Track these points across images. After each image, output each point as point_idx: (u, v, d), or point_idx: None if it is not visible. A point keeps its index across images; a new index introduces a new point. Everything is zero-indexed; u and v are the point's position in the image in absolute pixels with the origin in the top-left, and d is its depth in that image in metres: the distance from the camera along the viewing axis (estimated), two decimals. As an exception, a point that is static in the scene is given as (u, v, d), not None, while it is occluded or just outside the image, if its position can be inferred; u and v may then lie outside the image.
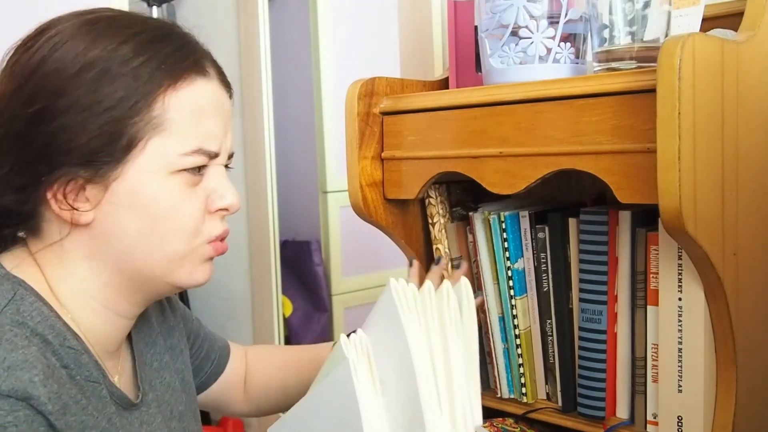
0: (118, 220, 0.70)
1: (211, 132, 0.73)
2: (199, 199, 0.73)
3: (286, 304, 2.67)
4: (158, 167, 0.70)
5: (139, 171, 0.69)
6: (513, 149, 0.90)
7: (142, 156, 0.69)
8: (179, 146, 0.70)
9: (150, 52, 0.70)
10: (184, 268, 0.74)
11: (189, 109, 0.71)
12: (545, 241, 0.99)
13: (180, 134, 0.70)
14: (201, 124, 0.72)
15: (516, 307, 1.01)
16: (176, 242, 0.72)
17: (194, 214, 0.73)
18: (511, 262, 1.00)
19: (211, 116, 0.73)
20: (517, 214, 1.00)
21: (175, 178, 0.71)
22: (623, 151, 0.80)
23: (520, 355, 1.02)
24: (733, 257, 0.79)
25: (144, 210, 0.70)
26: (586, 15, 0.92)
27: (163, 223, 0.71)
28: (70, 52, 0.68)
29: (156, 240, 0.71)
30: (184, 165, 0.71)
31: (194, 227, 0.73)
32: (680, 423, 0.86)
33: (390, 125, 1.05)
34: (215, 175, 0.75)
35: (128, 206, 0.70)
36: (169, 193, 0.71)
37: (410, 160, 1.02)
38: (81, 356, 0.70)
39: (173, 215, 0.71)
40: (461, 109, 0.95)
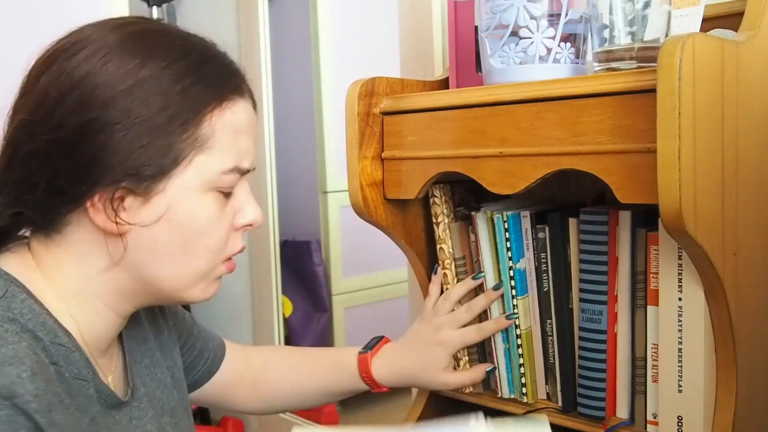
0: (153, 233, 0.72)
1: (246, 151, 0.75)
2: (228, 216, 0.76)
3: (286, 304, 2.67)
4: (199, 184, 0.72)
5: (181, 187, 0.71)
6: (513, 149, 0.90)
7: (185, 173, 0.71)
8: (220, 164, 0.72)
9: (199, 72, 0.72)
10: (199, 285, 0.76)
11: (231, 128, 0.73)
12: (545, 241, 0.99)
13: (221, 153, 0.72)
14: (239, 144, 0.74)
15: (518, 307, 1.01)
16: (203, 260, 0.74)
17: (224, 232, 0.75)
18: (513, 261, 1.00)
19: (247, 135, 0.76)
20: (518, 214, 1.00)
21: (210, 195, 0.73)
22: (623, 151, 0.80)
23: (521, 355, 1.02)
24: (733, 257, 0.79)
25: (180, 225, 0.72)
26: (586, 15, 0.92)
27: (195, 240, 0.73)
28: (121, 66, 0.69)
29: (186, 256, 0.73)
30: (221, 183, 0.73)
31: (221, 245, 0.75)
32: (680, 423, 0.86)
33: (390, 125, 1.05)
34: (241, 191, 0.77)
35: (166, 220, 0.71)
36: (205, 211, 0.73)
37: (410, 160, 1.02)
38: (71, 353, 0.70)
39: (207, 233, 0.74)
40: (461, 109, 0.96)
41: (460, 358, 1.06)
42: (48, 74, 0.70)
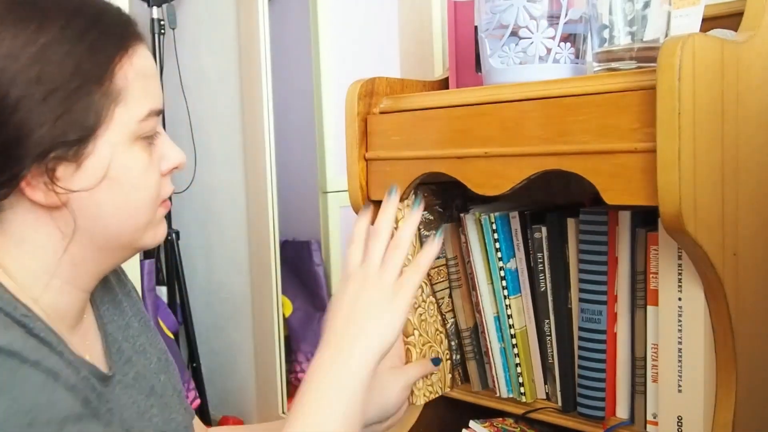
0: (95, 196, 0.70)
1: (155, 91, 0.75)
2: (155, 164, 0.75)
3: (286, 304, 2.67)
4: (123, 137, 0.71)
5: (109, 143, 0.70)
6: (498, 149, 0.90)
7: (109, 129, 0.70)
8: (138, 112, 0.71)
9: (99, 25, 0.70)
10: (149, 231, 0.76)
11: (141, 74, 0.72)
12: (541, 242, 0.99)
13: (136, 101, 0.71)
14: (150, 87, 0.74)
15: (510, 307, 1.01)
16: (145, 211, 0.74)
17: (157, 179, 0.75)
18: (503, 262, 1.01)
19: (154, 78, 0.75)
20: (507, 215, 1.01)
21: (137, 146, 0.72)
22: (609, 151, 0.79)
23: (517, 354, 1.02)
24: (733, 257, 0.79)
25: (118, 182, 0.71)
26: (586, 15, 0.92)
27: (135, 194, 0.72)
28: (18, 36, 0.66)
29: (129, 212, 0.73)
30: (143, 130, 0.72)
31: (157, 193, 0.75)
32: (680, 423, 0.86)
33: (374, 125, 1.03)
34: (159, 136, 0.76)
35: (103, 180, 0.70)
36: (138, 162, 0.72)
37: (394, 160, 1.01)
38: (35, 323, 0.69)
39: (143, 185, 0.73)
40: (461, 108, 0.95)
41: None
42: None
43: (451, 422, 1.14)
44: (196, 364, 2.46)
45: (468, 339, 1.09)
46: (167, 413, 0.84)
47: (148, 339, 0.89)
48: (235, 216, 2.53)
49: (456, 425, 1.09)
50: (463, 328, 1.09)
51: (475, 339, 1.09)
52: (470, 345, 1.09)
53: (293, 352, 2.68)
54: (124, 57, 0.71)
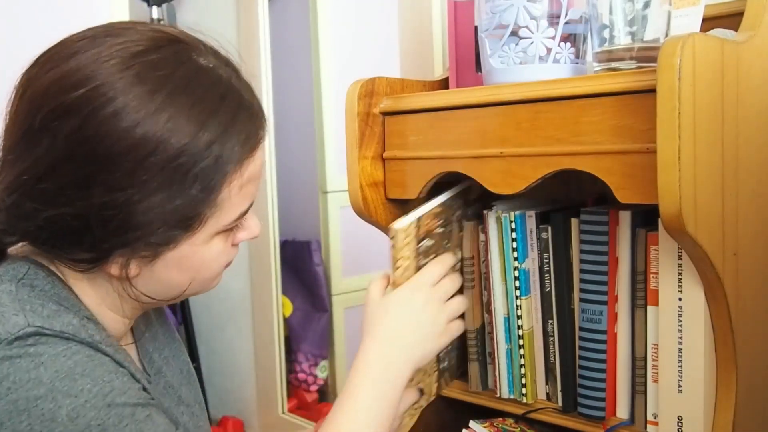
0: (163, 276, 0.73)
1: (254, 193, 0.75)
2: (230, 242, 0.77)
3: (286, 304, 2.67)
4: (207, 238, 0.73)
5: (191, 243, 0.72)
6: (514, 149, 0.90)
7: (197, 233, 0.71)
8: (228, 219, 0.73)
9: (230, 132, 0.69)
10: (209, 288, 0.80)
11: (245, 180, 0.73)
12: (548, 242, 0.99)
13: (231, 208, 0.72)
14: (248, 191, 0.74)
15: (521, 308, 1.01)
16: (211, 279, 0.78)
17: (227, 257, 0.77)
18: (518, 262, 1.00)
19: (255, 180, 0.75)
20: (524, 214, 1.00)
21: (217, 237, 0.74)
22: (623, 151, 0.80)
23: (522, 355, 1.02)
24: (733, 257, 0.79)
25: (189, 270, 0.74)
26: (586, 15, 0.92)
27: (203, 272, 0.75)
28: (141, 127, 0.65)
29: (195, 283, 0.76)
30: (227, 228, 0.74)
31: (223, 266, 0.78)
32: (680, 423, 0.86)
33: (392, 125, 1.05)
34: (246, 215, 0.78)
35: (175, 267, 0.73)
36: (212, 253, 0.74)
37: (413, 160, 1.02)
38: (96, 324, 0.72)
39: (213, 265, 0.76)
40: (462, 109, 0.96)
41: None
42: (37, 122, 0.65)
43: (451, 422, 1.14)
44: (196, 364, 2.46)
45: (474, 341, 1.08)
46: (195, 421, 0.87)
47: (172, 351, 0.91)
48: (235, 216, 2.53)
49: (456, 425, 1.09)
50: (469, 330, 1.08)
51: (480, 340, 1.08)
52: (475, 347, 1.08)
53: (293, 352, 2.67)
54: (238, 169, 0.71)
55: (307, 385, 2.66)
